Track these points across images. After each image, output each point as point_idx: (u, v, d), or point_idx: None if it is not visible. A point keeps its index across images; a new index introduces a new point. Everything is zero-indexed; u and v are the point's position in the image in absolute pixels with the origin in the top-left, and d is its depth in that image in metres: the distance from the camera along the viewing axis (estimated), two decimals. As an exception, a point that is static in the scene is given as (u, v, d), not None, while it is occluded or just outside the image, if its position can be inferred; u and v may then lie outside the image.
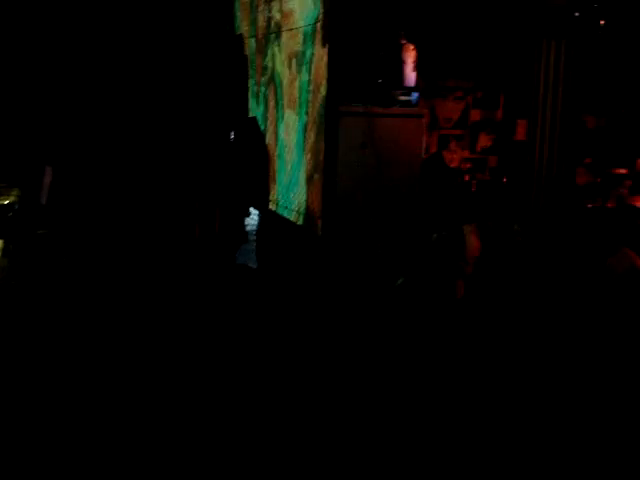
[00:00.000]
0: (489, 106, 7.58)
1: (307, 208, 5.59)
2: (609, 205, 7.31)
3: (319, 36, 5.49)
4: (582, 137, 7.80)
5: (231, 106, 6.03)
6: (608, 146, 8.23)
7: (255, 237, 6.92)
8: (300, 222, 5.76)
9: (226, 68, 5.99)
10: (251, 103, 6.89)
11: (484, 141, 7.52)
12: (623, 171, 8.25)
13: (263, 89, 7.00)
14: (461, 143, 7.46)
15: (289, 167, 6.13)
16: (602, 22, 6.87)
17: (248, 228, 7.05)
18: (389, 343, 4.17)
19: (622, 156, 8.32)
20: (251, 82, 7.06)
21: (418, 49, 6.55)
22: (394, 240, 5.06)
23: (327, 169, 5.18)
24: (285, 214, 6.24)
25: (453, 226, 5.24)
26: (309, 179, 5.56)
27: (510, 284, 4.54)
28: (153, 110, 5.94)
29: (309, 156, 5.71)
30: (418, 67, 6.63)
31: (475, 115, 7.55)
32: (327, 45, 5.43)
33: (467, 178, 7.23)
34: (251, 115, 6.84)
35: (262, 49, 6.98)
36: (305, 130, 5.81)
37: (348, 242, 5.06)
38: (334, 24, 5.36)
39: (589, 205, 6.97)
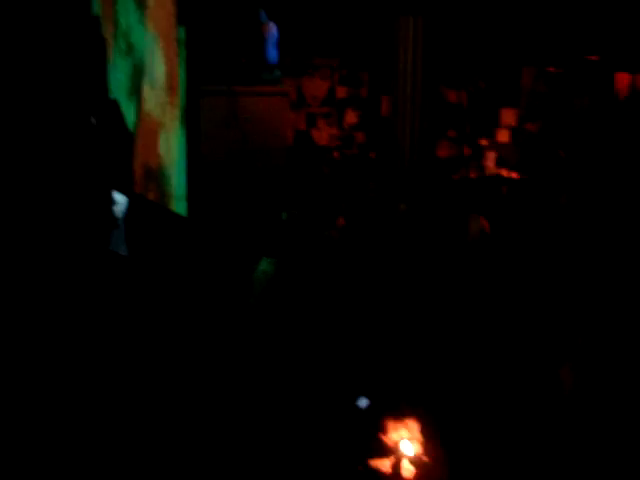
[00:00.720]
0: (354, 83, 7.70)
1: (173, 190, 5.50)
2: (472, 176, 7.62)
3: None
4: (444, 111, 8.09)
5: (87, 89, 5.80)
6: (470, 119, 8.59)
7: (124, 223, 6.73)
8: (167, 204, 5.65)
9: (78, 51, 5.74)
10: (114, 84, 6.66)
11: (351, 118, 7.64)
12: (485, 142, 8.65)
13: (126, 69, 6.78)
14: (329, 120, 7.55)
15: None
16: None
17: (117, 214, 6.85)
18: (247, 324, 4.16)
19: (483, 128, 8.70)
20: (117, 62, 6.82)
21: (281, 27, 6.54)
22: (259, 221, 5.06)
23: (190, 150, 5.10)
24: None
25: (322, 203, 5.31)
26: (174, 160, 5.47)
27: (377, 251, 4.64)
28: None
29: (173, 137, 5.60)
30: (284, 45, 6.64)
31: (341, 92, 7.65)
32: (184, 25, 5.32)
33: (336, 155, 7.34)
34: (112, 98, 6.61)
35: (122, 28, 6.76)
36: (169, 111, 5.69)
37: (214, 223, 5.02)
38: (190, 3, 5.27)
39: (454, 177, 7.23)
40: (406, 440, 2.02)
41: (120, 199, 7.02)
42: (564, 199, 5.26)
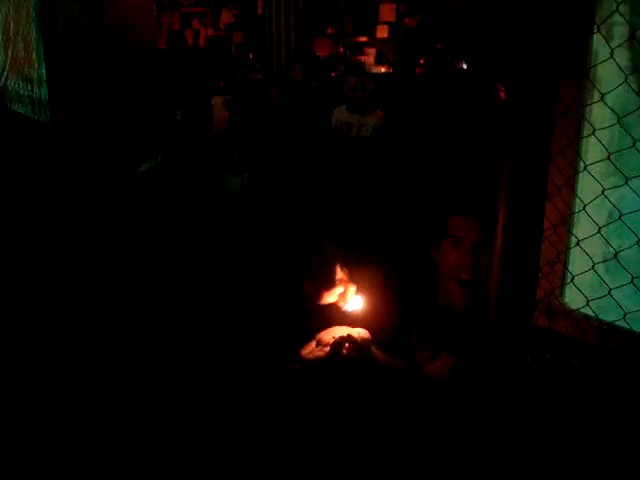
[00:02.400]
0: (229, -20, 7.46)
1: (37, 98, 5.27)
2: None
3: None
4: (321, 8, 7.99)
5: None
6: (349, 16, 8.53)
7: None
8: (31, 114, 5.42)
9: None
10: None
11: (227, 17, 7.44)
12: (364, 39, 8.64)
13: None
14: (204, 20, 7.33)
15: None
16: None
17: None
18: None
19: (363, 25, 8.66)
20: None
21: None
22: (133, 126, 4.93)
23: (47, 54, 4.85)
24: (19, 109, 5.84)
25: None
26: (33, 65, 5.20)
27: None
28: None
29: (31, 43, 5.32)
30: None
31: (216, -10, 7.42)
32: None
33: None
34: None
35: None
36: (23, 10, 5.36)
37: (80, 131, 4.86)
38: None
39: (332, 74, 7.20)
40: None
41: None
42: (409, 79, 5.33)
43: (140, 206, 3.56)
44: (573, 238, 1.16)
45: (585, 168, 1.11)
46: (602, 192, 1.10)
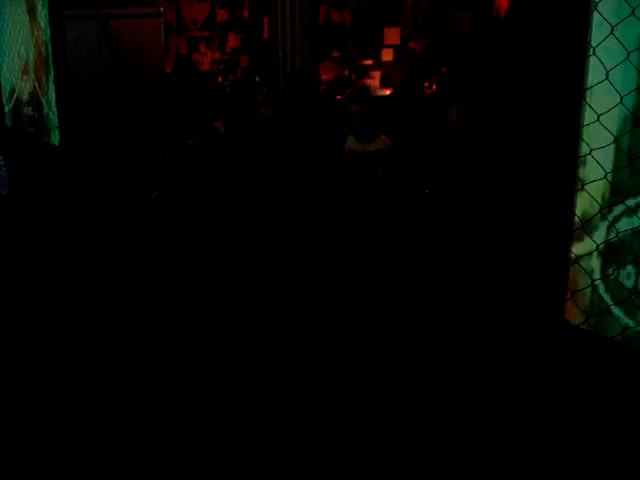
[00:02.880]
0: (235, 5, 7.56)
1: (46, 120, 5.33)
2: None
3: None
4: (327, 32, 8.08)
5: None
6: (354, 40, 8.62)
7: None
8: (38, 133, 5.47)
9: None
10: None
11: (233, 41, 7.53)
12: (369, 62, 8.72)
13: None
14: (211, 44, 7.42)
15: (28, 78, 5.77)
16: None
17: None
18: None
19: (368, 49, 8.75)
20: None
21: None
22: (142, 147, 4.99)
23: (59, 79, 4.92)
24: (29, 129, 5.90)
25: (210, 129, 5.23)
26: (43, 87, 5.27)
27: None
28: None
29: (43, 66, 5.39)
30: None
31: (222, 15, 7.50)
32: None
33: (220, 79, 7.25)
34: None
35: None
36: (33, 42, 5.45)
37: (89, 152, 4.92)
38: None
39: (337, 97, 7.27)
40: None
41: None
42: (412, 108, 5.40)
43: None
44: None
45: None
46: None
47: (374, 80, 8.69)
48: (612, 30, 1.05)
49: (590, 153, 1.08)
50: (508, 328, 2.02)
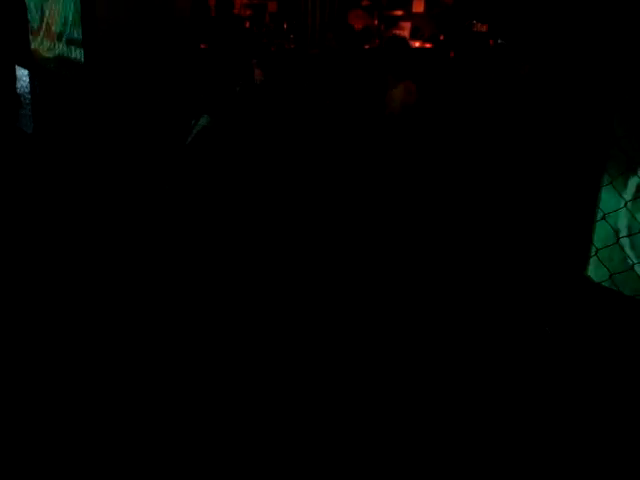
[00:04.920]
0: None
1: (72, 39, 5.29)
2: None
3: None
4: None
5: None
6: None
7: (30, 101, 6.53)
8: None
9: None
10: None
11: (262, -14, 7.42)
12: (399, 12, 8.54)
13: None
14: (240, -11, 7.31)
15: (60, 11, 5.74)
16: None
17: (20, 91, 6.62)
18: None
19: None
20: None
21: None
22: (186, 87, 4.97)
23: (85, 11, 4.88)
24: (52, 67, 5.90)
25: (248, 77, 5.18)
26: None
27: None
28: None
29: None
30: None
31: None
32: None
33: (248, 25, 7.17)
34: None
35: None
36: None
37: (116, 75, 4.91)
38: None
39: (366, 46, 7.16)
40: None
41: (22, 74, 6.76)
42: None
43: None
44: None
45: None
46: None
47: (404, 31, 8.52)
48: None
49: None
50: (531, 283, 2.03)
